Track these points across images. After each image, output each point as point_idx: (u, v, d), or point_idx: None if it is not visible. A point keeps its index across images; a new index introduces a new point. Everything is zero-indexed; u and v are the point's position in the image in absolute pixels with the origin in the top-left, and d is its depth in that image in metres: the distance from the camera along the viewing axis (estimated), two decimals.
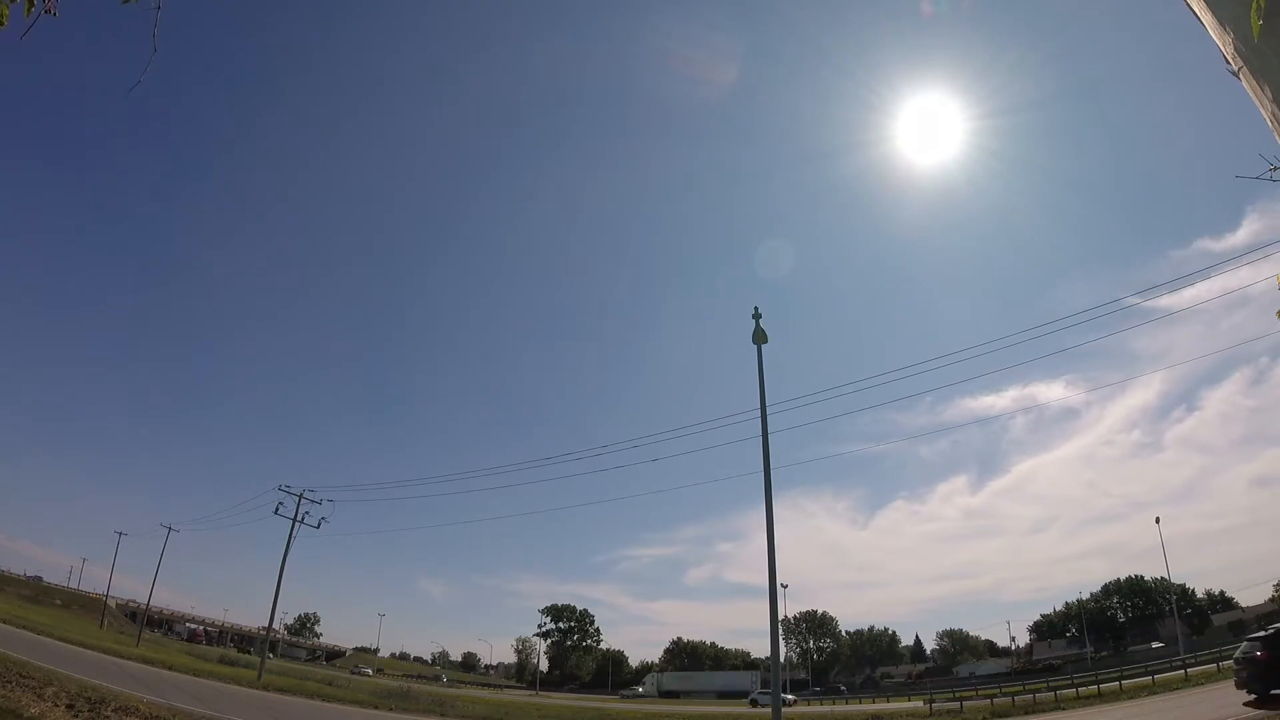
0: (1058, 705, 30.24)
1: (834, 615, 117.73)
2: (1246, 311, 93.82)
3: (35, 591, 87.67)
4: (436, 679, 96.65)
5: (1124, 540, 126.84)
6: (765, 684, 68.07)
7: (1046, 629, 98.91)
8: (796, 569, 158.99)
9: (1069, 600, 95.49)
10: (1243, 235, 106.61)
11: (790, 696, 57.56)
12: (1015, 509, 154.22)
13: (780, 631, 17.49)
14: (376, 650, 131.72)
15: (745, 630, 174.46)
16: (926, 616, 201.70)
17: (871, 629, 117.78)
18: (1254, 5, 2.57)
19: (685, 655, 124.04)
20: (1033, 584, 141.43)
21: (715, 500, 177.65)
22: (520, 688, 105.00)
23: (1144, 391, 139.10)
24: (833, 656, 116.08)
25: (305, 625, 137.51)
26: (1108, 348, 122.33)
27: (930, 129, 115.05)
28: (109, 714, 13.56)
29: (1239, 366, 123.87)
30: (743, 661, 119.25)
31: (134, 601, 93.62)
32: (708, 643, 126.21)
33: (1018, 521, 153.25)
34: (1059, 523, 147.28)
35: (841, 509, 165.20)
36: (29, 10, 3.11)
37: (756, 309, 18.36)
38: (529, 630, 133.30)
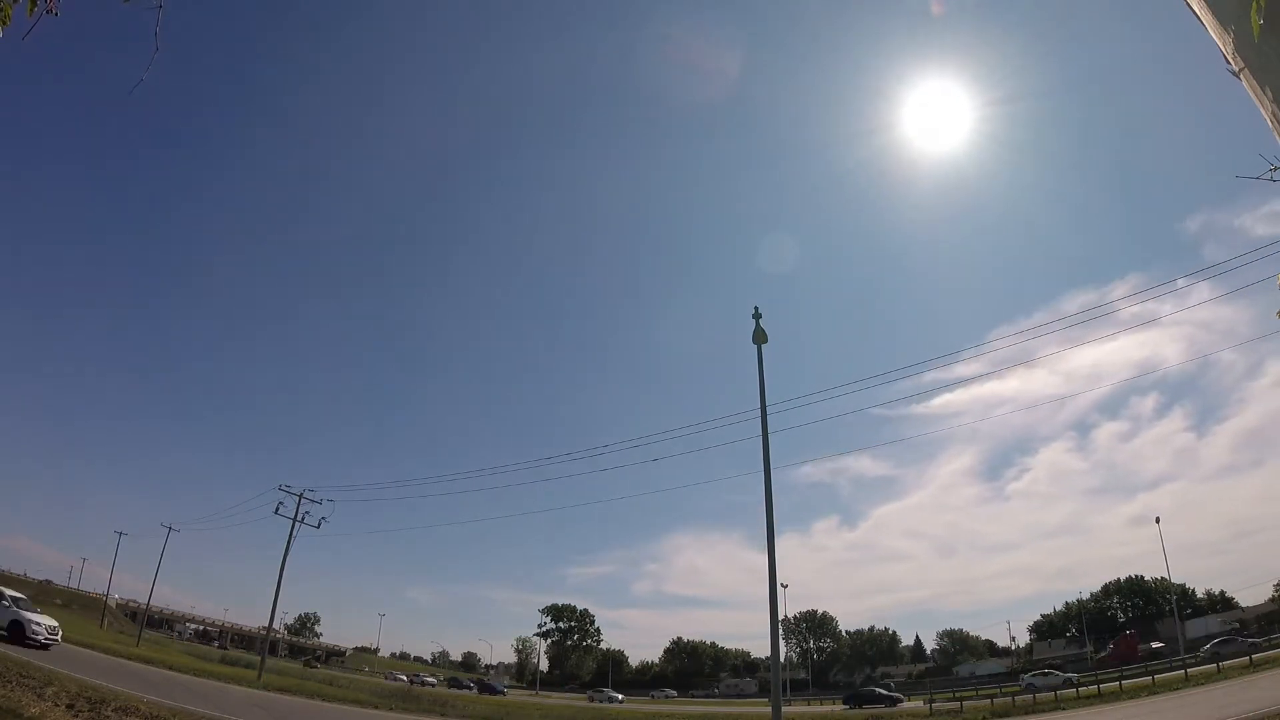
0: (1058, 705, 30.26)
1: (834, 615, 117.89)
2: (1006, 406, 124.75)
3: (35, 591, 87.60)
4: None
5: (1035, 563, 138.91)
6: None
7: (1046, 629, 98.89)
8: (727, 582, 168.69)
9: (1069, 600, 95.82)
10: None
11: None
12: (902, 541, 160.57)
13: (780, 631, 17.50)
14: (377, 650, 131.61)
15: (737, 634, 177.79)
16: (875, 621, 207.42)
17: (871, 629, 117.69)
18: (1254, 5, 2.57)
19: (685, 655, 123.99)
20: (968, 596, 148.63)
21: (632, 526, 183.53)
22: (521, 687, 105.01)
23: (957, 459, 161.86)
24: (833, 656, 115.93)
25: (305, 625, 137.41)
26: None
27: (937, 117, 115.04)
28: (109, 714, 13.57)
29: (1050, 440, 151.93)
30: (743, 662, 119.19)
31: (134, 601, 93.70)
32: (708, 643, 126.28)
33: (918, 548, 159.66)
34: (960, 551, 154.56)
35: (737, 538, 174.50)
36: (31, 9, 3.12)
37: (756, 309, 18.31)
38: (513, 633, 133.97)
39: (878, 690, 51.10)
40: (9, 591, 26.55)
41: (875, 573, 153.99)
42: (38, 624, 24.76)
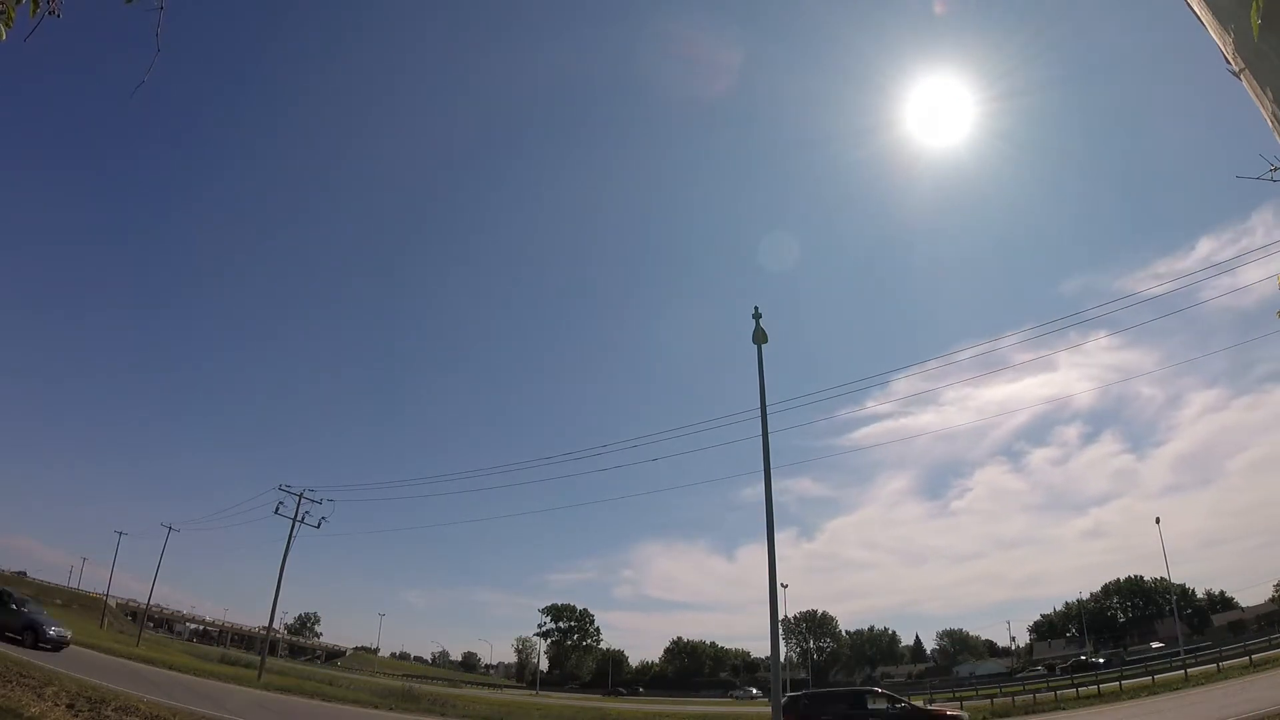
0: (1058, 705, 30.26)
1: (833, 615, 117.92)
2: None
3: (35, 591, 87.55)
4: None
5: (1001, 571, 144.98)
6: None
7: (1046, 629, 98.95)
8: (704, 587, 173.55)
9: (1069, 600, 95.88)
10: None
11: None
12: (861, 552, 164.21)
13: (780, 631, 17.48)
14: (377, 650, 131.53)
15: (724, 635, 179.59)
16: (857, 623, 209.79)
17: (871, 629, 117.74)
18: (1254, 4, 2.57)
19: (685, 655, 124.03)
20: (941, 602, 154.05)
21: (607, 534, 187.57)
22: (521, 687, 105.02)
23: (893, 481, 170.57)
24: (833, 656, 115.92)
25: (305, 625, 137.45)
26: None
27: (939, 112, 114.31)
28: (109, 714, 13.56)
29: (982, 464, 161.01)
30: (742, 661, 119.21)
31: (134, 601, 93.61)
32: (708, 643, 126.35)
33: (882, 558, 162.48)
34: (928, 559, 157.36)
35: (703, 547, 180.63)
36: (34, 10, 3.11)
37: (756, 309, 18.27)
38: (507, 634, 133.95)
39: None
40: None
41: (844, 580, 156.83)
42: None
